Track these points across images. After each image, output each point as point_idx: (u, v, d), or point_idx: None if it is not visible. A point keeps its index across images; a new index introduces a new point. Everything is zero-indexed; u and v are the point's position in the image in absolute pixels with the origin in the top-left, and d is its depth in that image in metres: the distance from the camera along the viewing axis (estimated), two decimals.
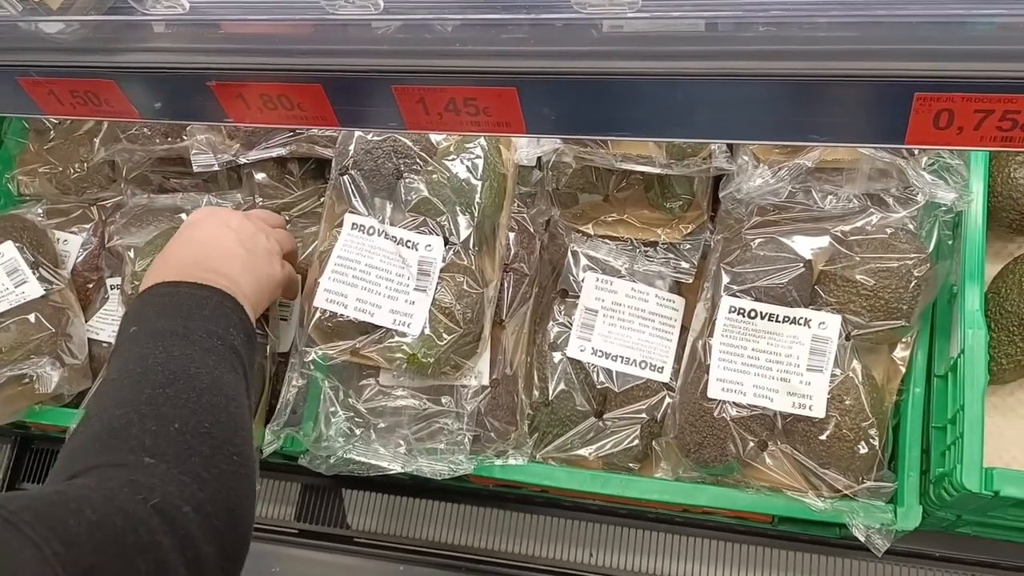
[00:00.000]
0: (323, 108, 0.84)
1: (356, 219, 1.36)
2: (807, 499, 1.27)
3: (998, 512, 1.26)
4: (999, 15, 0.63)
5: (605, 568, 1.54)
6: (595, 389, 1.42)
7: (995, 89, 0.64)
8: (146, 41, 0.84)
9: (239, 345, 1.11)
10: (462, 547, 1.60)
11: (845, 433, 1.25)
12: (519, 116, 0.80)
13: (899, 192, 1.31)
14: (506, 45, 0.75)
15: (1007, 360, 1.35)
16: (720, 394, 1.29)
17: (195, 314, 1.10)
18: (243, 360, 1.11)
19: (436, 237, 1.33)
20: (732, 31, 0.70)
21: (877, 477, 1.27)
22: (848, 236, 1.31)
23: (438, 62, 0.76)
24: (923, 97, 0.67)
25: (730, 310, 1.31)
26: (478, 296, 1.32)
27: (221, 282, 1.16)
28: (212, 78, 0.84)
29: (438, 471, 1.31)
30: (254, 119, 0.88)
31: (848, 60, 0.67)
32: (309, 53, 0.80)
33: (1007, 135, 0.68)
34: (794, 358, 1.28)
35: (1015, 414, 1.41)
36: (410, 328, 1.30)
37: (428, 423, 1.36)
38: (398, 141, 1.36)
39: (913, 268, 1.26)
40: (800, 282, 1.30)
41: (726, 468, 1.31)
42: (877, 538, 1.23)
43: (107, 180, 1.79)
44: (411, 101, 0.81)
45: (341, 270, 1.33)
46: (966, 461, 1.15)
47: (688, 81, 0.71)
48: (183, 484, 0.90)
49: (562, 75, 0.74)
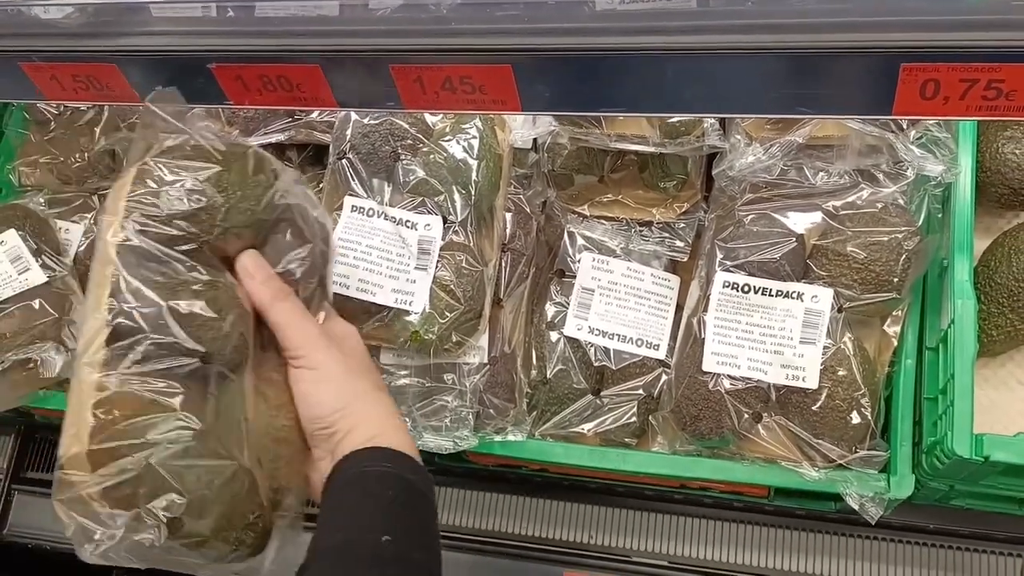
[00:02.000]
0: (322, 89, 0.85)
1: (355, 201, 1.37)
2: (802, 469, 1.29)
3: (989, 480, 1.28)
4: None
5: (605, 548, 1.56)
6: (592, 367, 1.44)
7: (979, 58, 0.66)
8: (146, 24, 0.85)
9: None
10: (462, 528, 1.61)
11: (838, 403, 1.27)
12: (514, 94, 0.81)
13: (889, 167, 1.33)
14: (500, 23, 0.76)
15: (997, 332, 1.37)
16: (715, 367, 1.31)
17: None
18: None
19: (435, 216, 1.35)
20: (723, 5, 0.71)
21: (870, 447, 1.29)
22: (839, 211, 1.33)
23: (434, 40, 0.77)
24: (909, 68, 0.68)
25: (724, 285, 1.33)
26: (478, 274, 1.34)
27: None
28: (212, 60, 0.85)
29: (443, 446, 1.33)
30: (254, 101, 0.89)
31: (835, 32, 0.68)
32: (307, 34, 0.81)
33: (992, 104, 0.70)
34: (787, 331, 1.30)
35: (1006, 386, 1.43)
36: (412, 306, 1.32)
37: (431, 400, 1.38)
38: (395, 124, 1.38)
39: (903, 241, 1.28)
40: (793, 256, 1.32)
41: (722, 441, 1.33)
42: (871, 506, 1.25)
43: (108, 170, 1.80)
44: (408, 80, 0.82)
45: (343, 252, 1.34)
46: (957, 428, 1.17)
47: (679, 56, 0.73)
48: None
49: (556, 52, 0.75)
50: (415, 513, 0.97)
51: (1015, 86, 0.67)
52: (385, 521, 0.94)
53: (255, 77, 0.86)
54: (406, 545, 0.94)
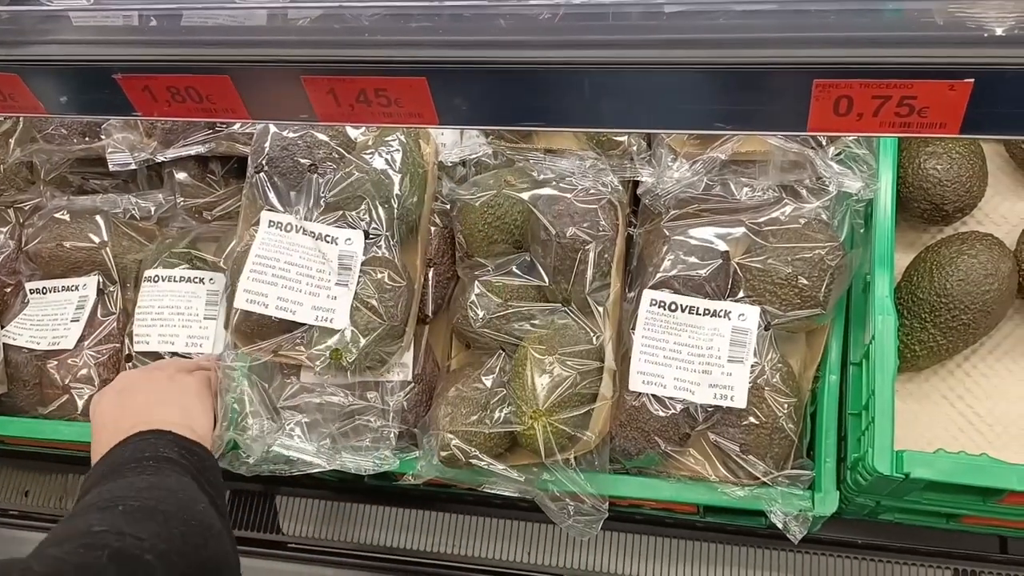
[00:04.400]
0: (232, 100, 0.83)
1: (273, 216, 1.34)
2: (727, 488, 1.29)
3: (914, 496, 1.28)
4: (897, 3, 0.65)
5: (538, 566, 1.55)
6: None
7: (890, 75, 0.66)
8: (51, 33, 0.82)
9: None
10: (395, 549, 1.60)
11: (764, 421, 1.27)
12: (431, 107, 0.79)
13: (812, 183, 1.34)
14: (415, 35, 0.74)
15: (920, 347, 1.38)
16: (641, 387, 1.30)
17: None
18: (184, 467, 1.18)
19: (356, 231, 1.32)
20: (639, 20, 0.70)
21: (796, 465, 1.30)
22: (763, 227, 1.33)
23: (347, 52, 0.76)
24: (822, 84, 0.68)
25: (651, 303, 1.33)
26: (401, 289, 1.32)
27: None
28: (117, 71, 0.82)
29: (363, 467, 1.31)
30: (162, 112, 0.86)
31: (749, 48, 0.68)
32: (216, 44, 0.79)
33: (905, 120, 0.70)
34: (715, 350, 1.30)
35: (929, 400, 1.45)
36: (333, 324, 1.29)
37: (352, 419, 1.35)
38: (315, 137, 1.35)
39: (826, 256, 1.29)
40: (718, 274, 1.32)
41: (648, 460, 1.32)
42: (794, 525, 1.25)
43: (25, 182, 1.75)
44: (321, 92, 0.80)
45: (260, 269, 1.31)
46: (877, 445, 1.17)
47: (596, 70, 0.72)
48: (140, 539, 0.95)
49: (471, 64, 0.74)
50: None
51: (927, 103, 0.67)
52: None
53: (162, 88, 0.84)
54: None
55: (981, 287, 1.34)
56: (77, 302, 1.61)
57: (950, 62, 0.64)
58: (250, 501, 1.67)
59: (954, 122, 0.68)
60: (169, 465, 1.16)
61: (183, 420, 1.26)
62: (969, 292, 1.34)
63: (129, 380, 1.38)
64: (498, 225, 1.35)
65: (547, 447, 1.22)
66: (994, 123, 0.68)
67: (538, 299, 1.36)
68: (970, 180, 1.42)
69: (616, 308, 1.34)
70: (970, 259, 1.35)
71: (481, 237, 1.36)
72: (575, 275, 1.31)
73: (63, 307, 1.61)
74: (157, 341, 1.54)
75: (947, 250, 1.38)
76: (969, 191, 1.42)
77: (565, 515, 1.29)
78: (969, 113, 0.67)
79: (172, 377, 1.37)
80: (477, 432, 1.26)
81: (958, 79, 0.65)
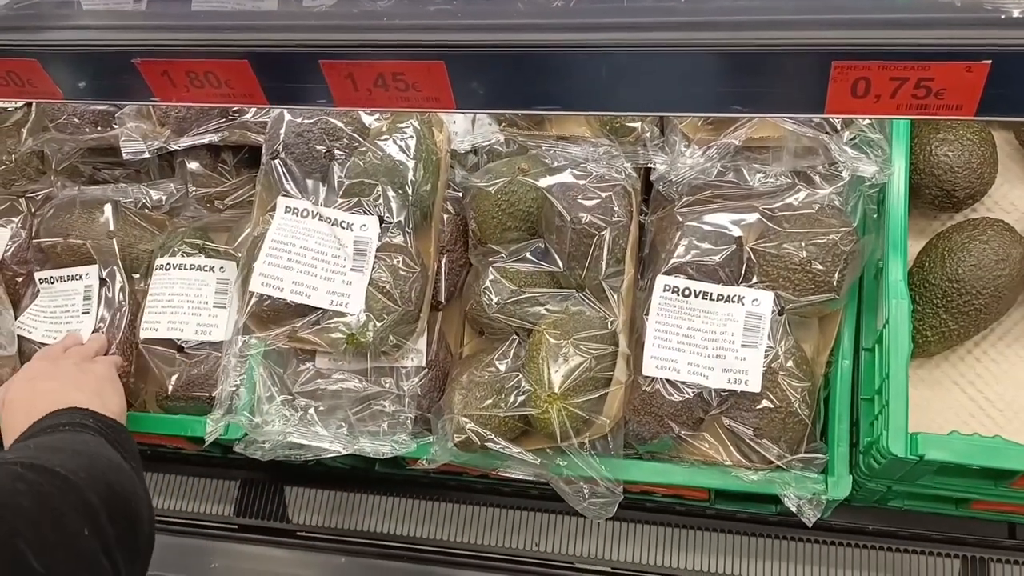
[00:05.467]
0: (251, 85, 0.83)
1: (289, 202, 1.35)
2: (741, 472, 1.29)
3: (926, 480, 1.29)
4: None
5: (547, 555, 1.56)
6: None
7: (909, 56, 0.66)
8: (69, 18, 0.83)
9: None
10: (403, 537, 1.60)
11: (778, 405, 1.27)
12: (448, 91, 0.80)
13: (825, 169, 1.34)
14: (434, 19, 0.75)
15: (932, 332, 1.39)
16: (655, 372, 1.31)
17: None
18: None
19: (371, 217, 1.33)
20: (656, 2, 0.71)
21: (809, 449, 1.30)
22: (776, 213, 1.34)
23: (365, 36, 0.76)
24: (840, 66, 0.68)
25: (665, 288, 1.33)
26: (415, 275, 1.32)
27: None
28: (136, 55, 0.83)
29: (380, 451, 1.31)
30: (180, 98, 0.87)
31: (767, 30, 0.68)
32: (235, 28, 0.79)
33: (922, 103, 0.70)
34: (729, 335, 1.30)
35: (941, 386, 1.45)
36: (348, 308, 1.30)
37: (368, 404, 1.35)
38: (329, 123, 1.36)
39: (840, 241, 1.29)
40: (732, 259, 1.32)
41: (661, 444, 1.33)
42: (808, 508, 1.26)
43: (36, 172, 1.76)
44: (340, 76, 0.80)
45: (276, 253, 1.32)
46: (892, 427, 1.18)
47: (613, 53, 0.72)
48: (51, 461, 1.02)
49: (490, 48, 0.74)
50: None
51: (945, 84, 0.67)
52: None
53: (181, 73, 0.84)
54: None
55: (992, 272, 1.34)
56: (84, 292, 1.61)
57: (968, 44, 0.64)
58: (259, 491, 1.68)
59: (971, 104, 0.68)
60: (85, 430, 1.22)
61: (98, 402, 1.30)
62: (981, 277, 1.34)
63: (39, 369, 1.43)
64: (512, 212, 1.36)
65: (562, 431, 1.22)
66: (1010, 105, 0.68)
67: (552, 285, 1.36)
68: (981, 167, 1.42)
69: (630, 293, 1.35)
70: (981, 244, 1.35)
71: (495, 224, 1.37)
72: (589, 261, 1.31)
73: (72, 298, 1.61)
74: (167, 328, 1.54)
75: (958, 236, 1.38)
76: (980, 177, 1.42)
77: (580, 498, 1.29)
78: (986, 95, 0.67)
79: (79, 365, 1.42)
80: (492, 416, 1.27)
81: (975, 60, 0.65)
